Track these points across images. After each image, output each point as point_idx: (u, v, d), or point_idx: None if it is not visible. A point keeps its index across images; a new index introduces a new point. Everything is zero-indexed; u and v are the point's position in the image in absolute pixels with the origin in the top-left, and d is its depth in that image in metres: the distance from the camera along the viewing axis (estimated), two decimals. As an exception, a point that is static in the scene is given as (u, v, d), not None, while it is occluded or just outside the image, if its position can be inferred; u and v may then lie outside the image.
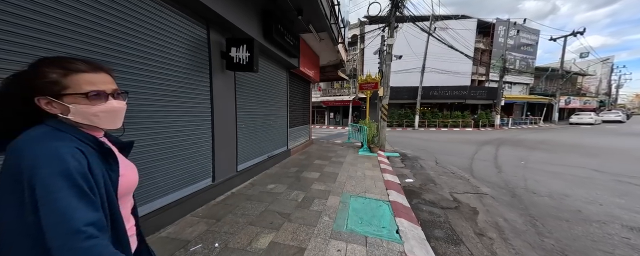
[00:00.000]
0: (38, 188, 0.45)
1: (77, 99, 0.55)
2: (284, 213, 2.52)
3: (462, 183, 4.17)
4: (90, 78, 0.56)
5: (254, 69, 2.90)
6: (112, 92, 0.60)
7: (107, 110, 0.59)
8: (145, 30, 1.97)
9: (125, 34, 1.80)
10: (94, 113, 0.57)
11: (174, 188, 2.32)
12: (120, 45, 1.77)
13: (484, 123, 17.88)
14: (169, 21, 2.20)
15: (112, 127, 0.63)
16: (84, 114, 0.56)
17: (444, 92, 17.80)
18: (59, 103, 0.54)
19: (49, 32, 1.37)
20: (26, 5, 1.27)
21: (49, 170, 0.46)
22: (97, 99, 0.57)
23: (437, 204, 3.19)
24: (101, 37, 1.65)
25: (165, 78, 2.18)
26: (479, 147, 8.43)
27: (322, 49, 6.63)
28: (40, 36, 1.34)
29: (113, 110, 0.60)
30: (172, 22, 2.23)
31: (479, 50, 19.66)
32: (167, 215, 2.12)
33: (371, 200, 3.05)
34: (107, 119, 0.60)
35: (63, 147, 0.49)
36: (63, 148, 0.49)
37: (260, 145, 4.29)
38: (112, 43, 1.72)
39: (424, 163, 5.79)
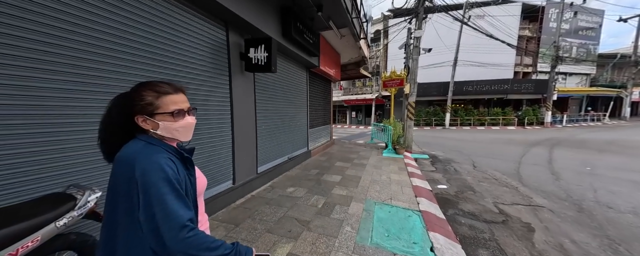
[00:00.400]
0: (151, 192, 0.58)
1: (165, 117, 0.67)
2: (303, 221, 2.38)
3: (509, 192, 3.57)
4: (174, 99, 0.68)
5: (272, 70, 2.81)
6: (187, 110, 0.72)
7: (184, 126, 0.70)
8: (167, 34, 2.00)
9: (147, 38, 1.84)
10: (176, 128, 0.69)
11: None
12: (141, 50, 1.81)
13: (531, 121, 15.66)
14: (189, 24, 2.21)
15: (187, 138, 0.74)
16: (168, 129, 0.68)
17: (480, 87, 16.04)
18: (152, 121, 0.66)
19: (74, 39, 1.42)
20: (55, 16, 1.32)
21: (156, 177, 0.58)
22: (178, 116, 0.68)
23: (479, 217, 2.74)
24: (120, 42, 1.69)
25: (185, 82, 2.20)
26: (527, 148, 7.31)
27: (343, 46, 6.39)
28: (66, 44, 1.39)
29: (189, 125, 0.72)
30: (192, 25, 2.25)
31: (523, 38, 17.26)
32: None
33: (398, 209, 2.75)
34: (184, 132, 0.72)
35: (162, 158, 0.62)
36: (162, 159, 0.62)
37: (280, 146, 4.24)
38: (133, 48, 1.76)
39: (459, 166, 5.18)
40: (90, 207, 1.15)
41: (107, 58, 1.59)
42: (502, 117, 15.96)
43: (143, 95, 0.66)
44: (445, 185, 3.89)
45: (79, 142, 1.49)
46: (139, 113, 0.66)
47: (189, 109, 0.72)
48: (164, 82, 0.70)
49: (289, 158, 4.55)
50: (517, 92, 15.86)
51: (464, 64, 15.64)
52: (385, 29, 17.67)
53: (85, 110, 1.51)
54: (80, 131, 1.50)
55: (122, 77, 1.69)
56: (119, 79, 1.67)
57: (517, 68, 17.48)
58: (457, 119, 16.51)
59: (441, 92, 16.55)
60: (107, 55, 1.59)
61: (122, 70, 1.68)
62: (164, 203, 0.57)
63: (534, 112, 15.87)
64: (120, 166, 0.62)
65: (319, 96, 6.52)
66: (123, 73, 1.69)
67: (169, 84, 0.70)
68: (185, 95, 0.73)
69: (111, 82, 1.62)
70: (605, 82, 20.21)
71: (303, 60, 4.67)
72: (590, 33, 18.92)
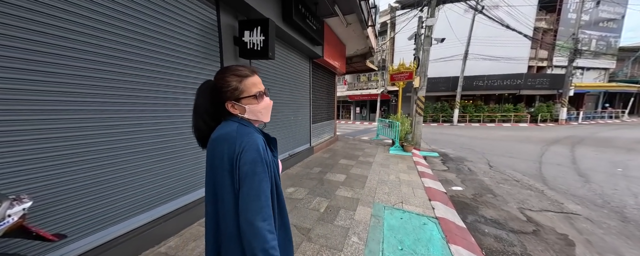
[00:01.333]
0: (247, 169, 0.63)
1: (250, 100, 0.71)
2: (303, 228, 2.09)
3: (535, 195, 3.20)
4: (254, 81, 0.72)
5: (269, 56, 2.47)
6: (264, 91, 0.75)
7: (266, 106, 0.75)
8: (144, 11, 1.67)
9: (121, 20, 1.52)
10: (260, 110, 0.74)
11: (179, 193, 2.06)
12: (114, 34, 1.49)
13: (544, 118, 14.94)
14: (171, 2, 1.88)
15: (268, 119, 0.78)
16: (254, 112, 0.73)
17: (491, 82, 15.31)
18: (239, 106, 0.71)
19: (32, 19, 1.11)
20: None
21: (254, 155, 0.64)
22: (260, 98, 0.73)
23: (505, 225, 2.40)
24: (80, 22, 1.37)
25: (167, 72, 1.88)
26: (546, 146, 6.83)
27: (349, 37, 5.97)
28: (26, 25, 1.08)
29: (269, 106, 0.77)
30: (175, 1, 1.91)
31: (539, 29, 16.31)
32: (172, 224, 1.86)
33: (412, 215, 2.42)
34: (266, 113, 0.77)
35: (258, 138, 0.67)
36: (258, 139, 0.67)
37: (280, 142, 3.93)
38: (102, 30, 1.44)
39: (473, 166, 4.79)
40: (13, 222, 0.85)
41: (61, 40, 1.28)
42: (513, 114, 15.27)
43: (228, 81, 0.68)
44: (460, 187, 3.54)
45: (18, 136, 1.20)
46: (229, 100, 0.69)
47: (265, 90, 0.75)
48: (240, 65, 0.72)
49: (289, 154, 4.25)
50: (531, 88, 15.09)
51: (475, 58, 14.91)
52: (392, 20, 16.96)
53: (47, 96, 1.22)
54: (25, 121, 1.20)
55: (80, 60, 1.38)
56: (77, 63, 1.36)
57: (532, 62, 16.60)
58: (465, 115, 15.91)
59: (449, 87, 15.90)
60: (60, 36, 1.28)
61: (80, 56, 1.37)
62: (255, 178, 0.62)
63: (548, 109, 15.12)
64: (221, 144, 0.66)
65: (322, 89, 6.16)
66: (81, 61, 1.38)
67: (245, 67, 0.72)
68: (259, 77, 0.74)
69: (65, 68, 1.32)
70: (625, 77, 19.10)
71: (306, 49, 4.30)
72: (612, 25, 17.76)
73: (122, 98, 1.59)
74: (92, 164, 1.46)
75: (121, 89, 1.59)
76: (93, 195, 1.47)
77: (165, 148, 1.91)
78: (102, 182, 1.52)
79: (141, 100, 1.71)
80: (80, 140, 1.41)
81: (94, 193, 1.48)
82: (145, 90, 1.74)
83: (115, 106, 1.56)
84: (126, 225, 1.62)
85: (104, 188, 1.53)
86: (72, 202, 1.37)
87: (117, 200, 1.59)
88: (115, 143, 1.58)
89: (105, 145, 1.53)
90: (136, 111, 1.68)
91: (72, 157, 1.38)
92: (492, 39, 14.76)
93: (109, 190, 1.55)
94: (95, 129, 1.48)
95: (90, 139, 1.45)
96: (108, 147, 1.54)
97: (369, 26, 5.44)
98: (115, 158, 1.58)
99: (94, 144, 1.48)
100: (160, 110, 1.86)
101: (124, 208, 1.63)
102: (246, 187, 0.62)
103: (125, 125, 1.63)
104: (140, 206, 1.72)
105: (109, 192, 1.55)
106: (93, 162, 1.47)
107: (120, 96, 1.59)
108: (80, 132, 1.41)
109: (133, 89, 1.66)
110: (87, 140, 1.44)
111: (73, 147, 1.38)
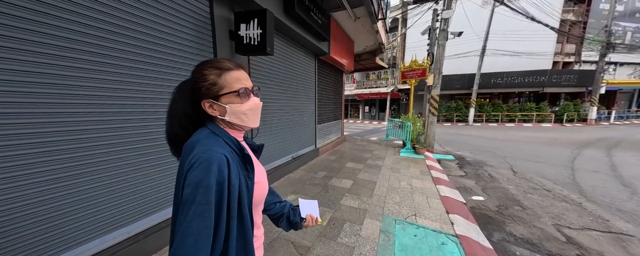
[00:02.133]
0: (189, 189, 0.47)
1: (231, 98, 0.57)
2: (302, 246, 1.84)
3: (572, 209, 2.77)
4: (237, 75, 0.58)
5: (267, 51, 2.23)
6: (252, 89, 0.61)
7: (252, 108, 0.60)
8: (125, 6, 1.48)
9: (97, 11, 1.32)
10: (244, 112, 0.58)
11: (163, 205, 1.87)
12: (90, 27, 1.30)
13: (571, 118, 13.83)
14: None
15: (255, 124, 0.63)
16: (236, 113, 0.58)
17: (511, 79, 14.35)
18: (219, 105, 0.57)
19: None
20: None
21: (200, 176, 0.47)
22: (245, 96, 0.58)
23: (540, 247, 2.03)
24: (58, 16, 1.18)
25: (154, 70, 1.68)
26: (577, 150, 6.18)
27: (358, 31, 5.64)
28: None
29: (257, 107, 0.62)
30: (159, -11, 1.71)
31: (567, 22, 15.06)
32: (153, 241, 1.67)
33: (427, 231, 2.11)
34: (252, 117, 0.61)
35: (216, 153, 0.50)
36: (216, 154, 0.50)
37: (282, 144, 3.71)
38: (80, 24, 1.25)
39: (494, 171, 4.35)
40: None
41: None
42: (536, 113, 14.24)
43: (205, 75, 0.56)
44: (481, 197, 3.16)
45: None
46: (205, 98, 0.56)
47: (254, 88, 0.61)
48: (223, 58, 0.59)
49: (293, 157, 4.03)
50: (555, 85, 13.98)
51: (493, 54, 14.02)
52: (403, 16, 16.30)
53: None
54: None
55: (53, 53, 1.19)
56: (45, 59, 1.17)
57: (557, 57, 15.39)
58: (482, 115, 15.04)
59: (465, 85, 15.09)
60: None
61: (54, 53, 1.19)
62: (189, 217, 0.45)
63: (576, 108, 13.96)
64: (183, 155, 0.54)
65: (329, 88, 5.88)
66: (56, 57, 1.20)
67: (228, 60, 0.59)
68: (246, 73, 0.61)
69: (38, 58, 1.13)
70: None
71: (311, 45, 4.04)
72: (651, 15, 16.09)
73: (101, 99, 1.41)
74: (59, 174, 1.29)
75: (99, 89, 1.40)
76: (62, 209, 1.30)
77: (145, 155, 1.72)
78: (74, 194, 1.34)
79: (121, 100, 1.53)
80: (41, 148, 1.23)
81: (64, 206, 1.30)
82: (119, 90, 1.55)
83: (91, 108, 1.38)
84: (98, 243, 1.44)
85: (76, 201, 1.35)
86: (35, 219, 1.20)
87: (90, 214, 1.41)
88: (92, 149, 1.40)
89: (80, 152, 1.35)
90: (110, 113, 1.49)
91: (35, 166, 1.20)
92: (513, 33, 13.80)
93: (82, 203, 1.38)
94: (61, 134, 1.30)
95: (52, 146, 1.27)
96: (83, 154, 1.36)
97: (379, 19, 5.08)
98: (90, 166, 1.40)
99: (64, 151, 1.30)
100: (137, 112, 1.67)
101: (98, 224, 1.45)
102: (179, 218, 0.46)
103: (106, 128, 1.45)
104: (116, 221, 1.54)
105: (81, 205, 1.37)
106: (60, 172, 1.29)
107: (100, 97, 1.40)
108: (41, 139, 1.23)
109: (114, 89, 1.47)
110: (51, 147, 1.26)
111: (39, 155, 1.20)
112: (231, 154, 0.53)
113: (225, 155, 0.51)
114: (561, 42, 15.28)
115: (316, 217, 0.82)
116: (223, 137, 0.56)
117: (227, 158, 0.51)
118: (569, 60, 15.74)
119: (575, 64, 15.67)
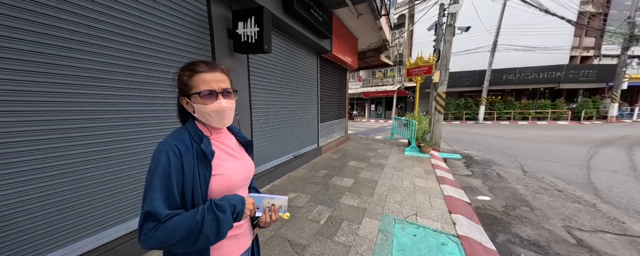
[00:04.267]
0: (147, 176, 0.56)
1: (197, 99, 0.61)
2: (298, 244, 1.83)
3: (585, 210, 2.63)
4: (205, 78, 0.61)
5: (264, 49, 2.23)
6: (221, 91, 0.63)
7: (216, 110, 0.63)
8: (120, 5, 1.51)
9: (90, 10, 1.36)
10: (207, 112, 0.63)
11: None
12: (83, 26, 1.34)
13: (589, 115, 13.12)
14: (151, -12, 1.70)
15: (221, 125, 0.67)
16: (201, 113, 0.63)
17: (525, 75, 13.76)
18: (190, 104, 0.63)
19: None
20: None
21: (154, 163, 0.56)
22: (208, 98, 0.62)
23: (547, 249, 1.94)
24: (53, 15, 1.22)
25: (152, 69, 1.72)
26: (594, 148, 5.86)
27: (361, 28, 5.55)
28: None
29: (221, 110, 0.64)
30: (156, -11, 1.73)
31: (585, 14, 14.26)
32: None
33: (427, 231, 2.06)
34: (217, 118, 0.64)
35: (170, 144, 0.57)
36: (170, 145, 0.57)
37: (283, 143, 3.72)
38: (75, 24, 1.29)
39: (503, 170, 4.19)
40: None
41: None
42: (551, 110, 13.61)
43: (181, 75, 0.63)
44: (487, 197, 3.05)
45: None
46: (181, 95, 0.64)
47: (225, 90, 0.64)
48: (201, 61, 0.64)
49: (294, 156, 4.03)
50: (573, 81, 13.29)
51: (505, 49, 13.48)
52: (410, 12, 15.94)
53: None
54: None
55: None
56: (37, 58, 1.22)
57: (575, 51, 14.62)
58: (493, 113, 14.54)
59: (475, 81, 14.61)
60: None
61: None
62: (146, 194, 0.54)
63: (595, 104, 13.23)
64: None
65: (332, 86, 5.84)
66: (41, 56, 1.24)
67: (205, 63, 0.63)
68: (225, 75, 0.66)
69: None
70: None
71: (312, 43, 4.01)
72: (680, 4, 14.95)
73: (100, 97, 1.45)
74: (60, 170, 1.33)
75: (98, 88, 1.44)
76: (60, 205, 1.35)
77: (140, 153, 1.76)
78: (74, 190, 1.39)
79: (120, 98, 1.56)
80: (39, 145, 1.28)
81: (62, 202, 1.35)
82: (118, 89, 1.58)
83: (90, 106, 1.42)
84: (95, 240, 1.48)
85: (76, 196, 1.40)
86: (36, 214, 1.25)
87: (89, 210, 1.46)
88: (91, 147, 1.45)
89: (79, 150, 1.39)
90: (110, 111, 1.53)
91: (33, 162, 1.25)
92: (526, 27, 13.21)
93: (80, 199, 1.42)
94: (60, 132, 1.34)
95: (54, 143, 1.32)
96: (82, 150, 1.41)
97: (383, 16, 4.98)
98: (88, 164, 1.44)
99: (66, 148, 1.34)
100: (138, 110, 1.71)
101: (96, 219, 1.50)
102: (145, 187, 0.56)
103: (104, 126, 1.49)
104: (114, 218, 1.59)
105: (80, 202, 1.42)
106: (61, 169, 1.34)
107: (99, 96, 1.44)
108: (40, 136, 1.28)
109: (113, 88, 1.51)
110: (53, 144, 1.31)
111: (36, 152, 1.25)
112: (188, 146, 0.59)
113: (177, 145, 0.57)
114: (579, 36, 14.48)
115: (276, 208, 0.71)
116: (190, 130, 0.63)
117: (178, 148, 0.57)
118: (587, 54, 14.91)
119: (594, 58, 14.83)
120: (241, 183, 0.68)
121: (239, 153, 0.72)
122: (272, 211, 0.69)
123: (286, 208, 0.72)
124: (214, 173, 0.61)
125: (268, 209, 0.69)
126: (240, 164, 0.69)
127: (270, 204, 0.69)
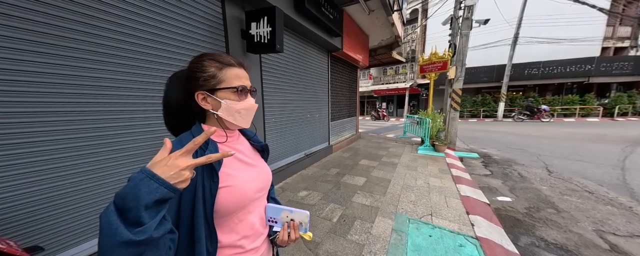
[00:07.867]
0: None
1: (228, 94, 0.55)
2: (312, 241, 1.85)
3: (620, 213, 2.43)
4: (238, 73, 0.57)
5: (276, 48, 2.26)
6: (250, 89, 0.59)
7: (247, 108, 0.58)
8: (139, 9, 1.59)
9: (113, 15, 1.45)
10: (238, 110, 0.57)
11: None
12: (105, 29, 1.43)
13: (624, 111, 12.04)
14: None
15: (247, 125, 0.61)
16: (230, 110, 0.56)
17: (549, 69, 12.85)
18: (213, 99, 0.55)
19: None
20: None
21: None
22: (242, 95, 0.57)
23: (577, 254, 1.81)
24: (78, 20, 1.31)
25: (167, 70, 1.80)
26: (630, 147, 5.39)
27: (372, 25, 5.46)
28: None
29: (251, 108, 0.60)
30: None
31: (620, 1, 13.05)
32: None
33: (444, 232, 2.00)
34: (245, 116, 0.59)
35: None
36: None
37: (295, 141, 3.76)
38: (94, 20, 1.39)
39: (526, 170, 3.96)
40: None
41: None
42: (579, 106, 12.63)
43: (205, 66, 0.54)
44: (508, 197, 2.90)
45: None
46: (200, 89, 0.54)
47: (252, 89, 0.60)
48: (224, 54, 0.60)
49: (306, 154, 4.06)
50: (605, 74, 12.23)
51: (527, 42, 12.67)
52: (423, 7, 15.41)
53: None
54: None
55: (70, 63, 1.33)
56: (64, 60, 1.31)
57: (607, 42, 13.44)
58: (514, 109, 13.75)
59: (494, 77, 13.87)
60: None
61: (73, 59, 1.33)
62: None
63: (630, 100, 12.10)
64: None
65: (343, 84, 5.80)
66: (66, 59, 1.34)
67: (231, 56, 0.58)
68: (247, 73, 0.60)
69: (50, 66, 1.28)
70: None
71: (322, 41, 4.01)
72: None
73: (113, 98, 1.52)
74: (73, 170, 1.44)
75: (113, 88, 1.53)
76: (76, 203, 1.46)
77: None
78: (90, 188, 1.49)
79: (132, 99, 1.62)
80: (43, 146, 1.38)
81: (78, 201, 1.46)
82: (137, 89, 1.67)
83: (105, 107, 1.50)
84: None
85: (91, 195, 1.51)
86: (53, 212, 1.36)
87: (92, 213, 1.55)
88: (100, 147, 1.55)
89: (87, 150, 1.49)
90: (127, 112, 1.61)
91: (35, 164, 1.35)
92: (551, 18, 12.33)
93: (96, 197, 1.53)
94: (79, 132, 1.44)
95: (70, 143, 1.42)
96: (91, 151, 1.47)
97: (395, 11, 4.86)
98: (98, 163, 1.54)
99: (76, 148, 1.45)
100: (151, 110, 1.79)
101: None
102: None
103: (115, 126, 1.57)
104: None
105: (94, 201, 1.53)
106: (73, 168, 1.44)
107: (112, 96, 1.52)
108: (44, 137, 1.35)
109: (126, 88, 1.60)
110: (66, 144, 1.41)
111: (39, 153, 1.35)
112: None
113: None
114: (613, 25, 13.28)
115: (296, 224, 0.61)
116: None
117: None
118: (622, 45, 13.65)
119: (630, 49, 13.55)
120: (255, 195, 0.59)
121: (253, 159, 0.64)
122: (291, 228, 0.60)
123: (308, 227, 0.60)
124: (222, 185, 0.52)
125: (287, 224, 0.60)
126: (254, 172, 0.61)
127: (290, 219, 0.59)
